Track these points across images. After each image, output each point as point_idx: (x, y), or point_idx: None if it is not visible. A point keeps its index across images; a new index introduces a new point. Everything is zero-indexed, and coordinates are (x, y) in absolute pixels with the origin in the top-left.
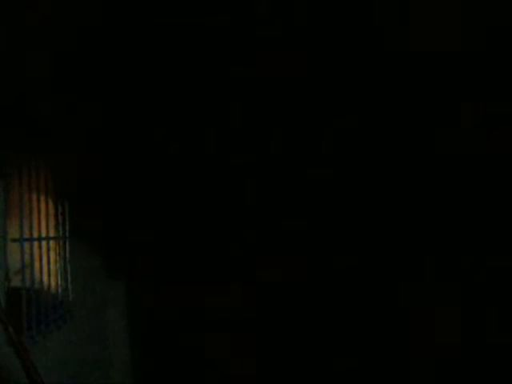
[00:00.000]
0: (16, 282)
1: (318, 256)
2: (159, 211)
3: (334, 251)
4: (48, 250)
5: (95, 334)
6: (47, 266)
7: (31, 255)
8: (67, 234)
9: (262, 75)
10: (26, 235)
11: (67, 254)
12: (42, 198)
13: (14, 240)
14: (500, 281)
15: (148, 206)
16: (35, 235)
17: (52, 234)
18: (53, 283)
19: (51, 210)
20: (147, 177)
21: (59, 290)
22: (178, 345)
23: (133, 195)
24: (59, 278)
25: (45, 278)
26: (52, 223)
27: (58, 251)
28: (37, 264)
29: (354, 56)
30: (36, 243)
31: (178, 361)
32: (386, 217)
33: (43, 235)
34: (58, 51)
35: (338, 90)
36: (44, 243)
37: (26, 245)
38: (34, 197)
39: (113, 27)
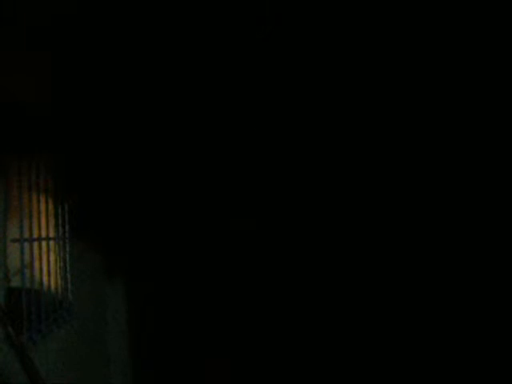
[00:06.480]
0: (16, 282)
1: None
2: (159, 211)
3: None
4: (48, 250)
5: (95, 334)
6: (47, 266)
7: (31, 255)
8: (67, 235)
9: None
10: (26, 235)
11: (67, 255)
12: (42, 198)
13: (14, 240)
14: None
15: (148, 206)
16: (35, 235)
17: (52, 234)
18: (53, 283)
19: (51, 211)
20: (147, 177)
21: (59, 290)
22: (178, 345)
23: (132, 195)
24: (59, 278)
25: (45, 279)
26: (52, 223)
27: (57, 251)
28: (37, 264)
29: None
30: (36, 243)
31: (177, 361)
32: None
33: (43, 235)
34: (57, 50)
35: None
36: (44, 243)
37: (26, 245)
38: (34, 197)
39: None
